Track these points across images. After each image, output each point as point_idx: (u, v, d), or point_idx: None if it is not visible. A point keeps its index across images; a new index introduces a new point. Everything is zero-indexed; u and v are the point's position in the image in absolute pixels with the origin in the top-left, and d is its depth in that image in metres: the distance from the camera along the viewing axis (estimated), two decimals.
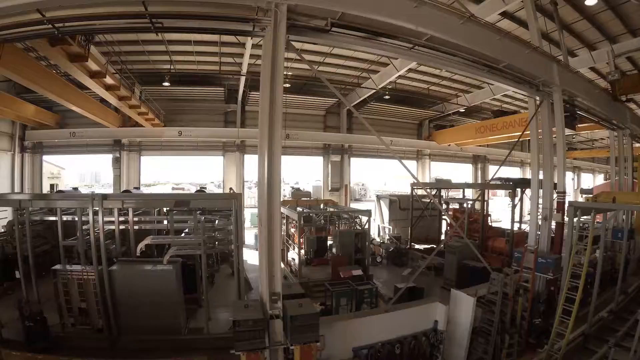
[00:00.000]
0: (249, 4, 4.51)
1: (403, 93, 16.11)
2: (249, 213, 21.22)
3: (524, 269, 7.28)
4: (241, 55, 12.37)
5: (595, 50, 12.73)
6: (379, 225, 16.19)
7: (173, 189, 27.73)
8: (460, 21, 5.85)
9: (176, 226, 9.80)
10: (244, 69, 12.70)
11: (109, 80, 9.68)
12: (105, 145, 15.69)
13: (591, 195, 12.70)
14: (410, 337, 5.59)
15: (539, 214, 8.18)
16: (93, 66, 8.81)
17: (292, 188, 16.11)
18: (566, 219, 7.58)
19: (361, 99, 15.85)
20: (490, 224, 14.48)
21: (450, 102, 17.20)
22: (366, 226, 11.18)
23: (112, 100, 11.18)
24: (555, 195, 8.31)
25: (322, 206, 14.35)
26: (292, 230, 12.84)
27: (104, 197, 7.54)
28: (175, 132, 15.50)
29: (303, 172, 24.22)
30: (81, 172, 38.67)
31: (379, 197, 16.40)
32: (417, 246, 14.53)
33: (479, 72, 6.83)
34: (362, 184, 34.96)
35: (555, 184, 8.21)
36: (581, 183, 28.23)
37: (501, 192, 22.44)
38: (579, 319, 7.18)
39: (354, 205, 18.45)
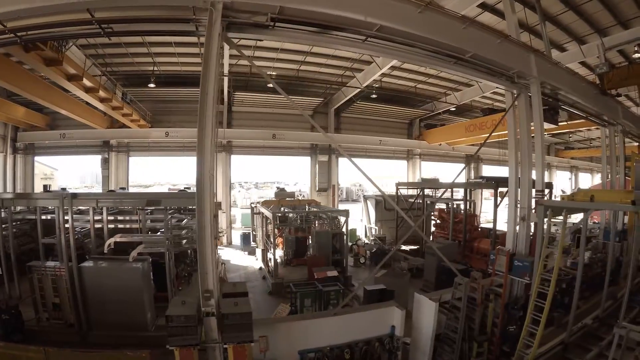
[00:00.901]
0: (186, 4, 4.65)
1: (390, 92, 16.08)
2: (240, 213, 21.51)
3: (496, 272, 6.96)
4: (221, 55, 12.58)
5: (585, 44, 12.47)
6: (365, 226, 16.18)
7: (169, 189, 28.33)
8: (417, 10, 5.65)
9: (153, 225, 10.09)
10: (225, 70, 12.90)
11: (87, 82, 9.99)
12: (94, 146, 16.12)
13: (568, 194, 12.33)
14: (362, 342, 5.37)
15: (517, 214, 7.94)
16: (70, 69, 9.14)
17: (278, 188, 16.26)
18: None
19: (347, 98, 15.90)
20: (478, 224, 14.33)
21: (439, 101, 17.08)
22: (344, 227, 11.20)
23: (93, 101, 11.52)
24: (534, 195, 8.05)
25: (307, 207, 14.44)
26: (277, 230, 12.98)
27: (74, 196, 7.85)
28: (162, 133, 15.82)
29: (301, 173, 24.40)
30: (82, 173, 39.86)
31: (365, 198, 16.39)
32: (403, 247, 14.48)
33: (444, 63, 6.60)
34: (360, 185, 34.99)
35: (534, 182, 7.73)
36: (579, 183, 27.62)
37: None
38: (561, 325, 6.86)
39: (350, 207, 18.45)
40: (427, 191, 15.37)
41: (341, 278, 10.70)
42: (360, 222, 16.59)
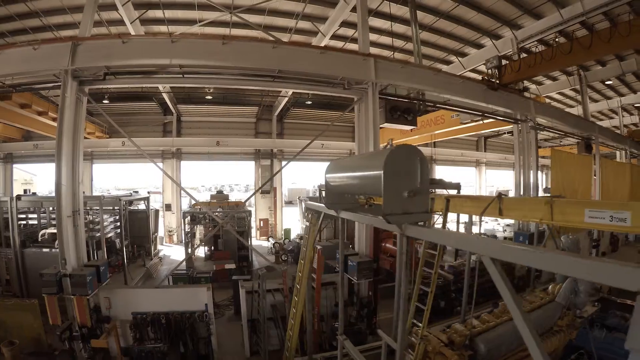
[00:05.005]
0: (50, 73, 8.02)
1: (322, 97, 18.87)
2: None
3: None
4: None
5: (500, 38, 13.96)
6: (303, 227, 19.10)
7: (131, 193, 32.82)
8: (221, 42, 7.52)
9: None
10: (161, 87, 16.51)
11: (37, 107, 13.99)
12: None
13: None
14: (177, 313, 7.29)
15: None
16: (21, 100, 13.13)
17: (216, 191, 19.67)
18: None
19: (282, 105, 18.96)
20: None
21: None
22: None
23: (46, 121, 15.58)
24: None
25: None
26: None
27: (18, 198, 11.75)
28: (119, 143, 19.76)
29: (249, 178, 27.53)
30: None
31: (300, 200, 19.31)
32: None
33: (263, 83, 8.53)
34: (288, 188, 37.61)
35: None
36: (549, 182, 28.22)
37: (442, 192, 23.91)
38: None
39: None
40: None
41: (245, 270, 13.90)
42: (299, 222, 19.54)
